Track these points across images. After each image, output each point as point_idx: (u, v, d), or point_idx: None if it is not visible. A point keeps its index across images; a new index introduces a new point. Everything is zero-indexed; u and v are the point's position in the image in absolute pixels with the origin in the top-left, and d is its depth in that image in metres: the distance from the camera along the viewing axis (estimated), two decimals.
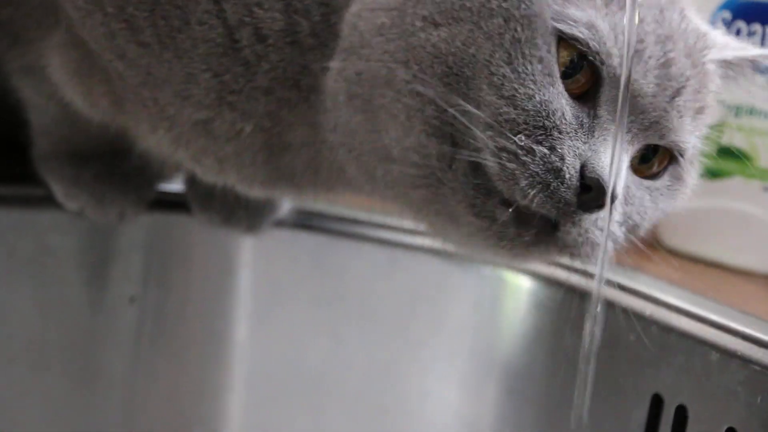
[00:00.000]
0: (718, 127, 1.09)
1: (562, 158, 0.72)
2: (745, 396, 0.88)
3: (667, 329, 0.94)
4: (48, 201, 1.06)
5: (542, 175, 0.71)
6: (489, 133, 0.72)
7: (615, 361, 0.96)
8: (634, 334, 0.95)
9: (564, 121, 0.72)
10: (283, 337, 1.15)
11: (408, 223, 0.92)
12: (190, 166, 0.95)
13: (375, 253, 1.12)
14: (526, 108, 0.71)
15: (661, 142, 0.78)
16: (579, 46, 0.73)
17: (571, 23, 0.73)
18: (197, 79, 0.85)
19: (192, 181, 1.06)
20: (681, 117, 0.77)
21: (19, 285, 1.08)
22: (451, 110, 0.73)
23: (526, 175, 0.71)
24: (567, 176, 0.72)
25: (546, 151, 0.72)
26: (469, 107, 0.72)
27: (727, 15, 1.09)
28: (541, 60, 0.72)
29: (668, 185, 0.81)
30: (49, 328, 1.09)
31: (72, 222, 1.08)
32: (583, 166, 0.72)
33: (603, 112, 0.74)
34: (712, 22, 1.10)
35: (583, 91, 0.74)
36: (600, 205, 0.72)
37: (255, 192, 0.95)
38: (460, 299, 1.04)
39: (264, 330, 1.15)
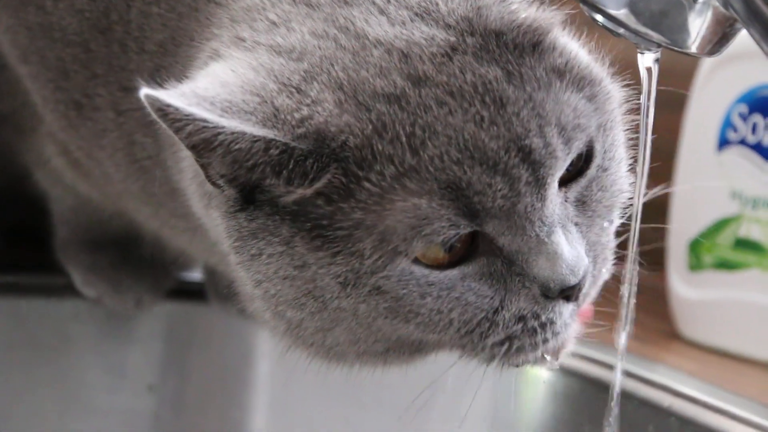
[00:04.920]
0: (736, 219, 1.10)
1: (537, 317, 0.70)
2: None
3: (686, 421, 0.93)
4: (68, 289, 1.07)
5: (535, 344, 0.71)
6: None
7: None
8: (652, 426, 0.94)
9: (492, 306, 0.70)
10: (300, 427, 1.14)
11: None
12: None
13: None
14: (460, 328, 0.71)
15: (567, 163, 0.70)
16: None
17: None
18: None
19: (210, 271, 1.07)
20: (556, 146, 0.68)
21: (39, 372, 1.08)
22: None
23: (522, 356, 0.72)
24: (545, 319, 0.70)
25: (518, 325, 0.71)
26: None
27: (744, 108, 1.10)
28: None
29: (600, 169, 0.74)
30: (68, 416, 1.09)
31: (92, 310, 1.09)
32: (545, 288, 0.69)
33: (498, 244, 0.69)
34: (728, 115, 1.11)
35: (464, 251, 0.69)
36: (575, 295, 0.71)
37: None
38: (477, 389, 1.04)
39: (281, 420, 1.15)
